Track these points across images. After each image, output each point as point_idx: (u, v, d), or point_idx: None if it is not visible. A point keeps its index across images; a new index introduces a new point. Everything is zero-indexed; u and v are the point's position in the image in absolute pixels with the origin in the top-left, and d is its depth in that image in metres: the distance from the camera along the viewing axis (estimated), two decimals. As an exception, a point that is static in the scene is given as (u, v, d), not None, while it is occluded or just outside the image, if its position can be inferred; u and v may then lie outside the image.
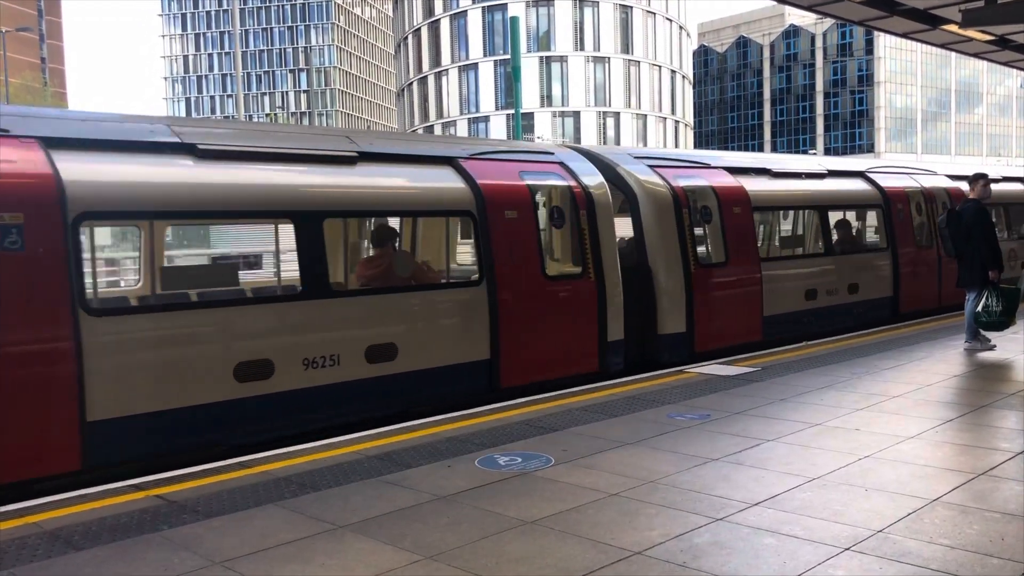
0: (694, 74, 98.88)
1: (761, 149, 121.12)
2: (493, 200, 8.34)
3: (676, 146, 72.85)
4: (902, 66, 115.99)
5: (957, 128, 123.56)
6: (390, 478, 5.50)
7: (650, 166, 10.36)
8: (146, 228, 8.19)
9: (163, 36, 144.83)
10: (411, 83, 76.77)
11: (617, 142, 69.08)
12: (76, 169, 6.01)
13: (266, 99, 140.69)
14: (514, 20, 29.83)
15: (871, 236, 14.79)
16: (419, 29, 74.36)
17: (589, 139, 69.01)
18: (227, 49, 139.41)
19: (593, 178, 9.47)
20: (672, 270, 9.93)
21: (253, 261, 19.92)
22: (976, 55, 18.53)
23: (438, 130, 71.28)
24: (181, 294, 7.42)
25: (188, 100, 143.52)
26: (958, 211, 10.27)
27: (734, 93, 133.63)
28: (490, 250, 8.21)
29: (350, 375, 7.15)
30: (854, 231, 13.96)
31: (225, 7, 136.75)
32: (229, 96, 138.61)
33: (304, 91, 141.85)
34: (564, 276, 9.15)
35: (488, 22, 70.10)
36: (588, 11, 69.78)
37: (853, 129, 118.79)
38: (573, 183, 9.22)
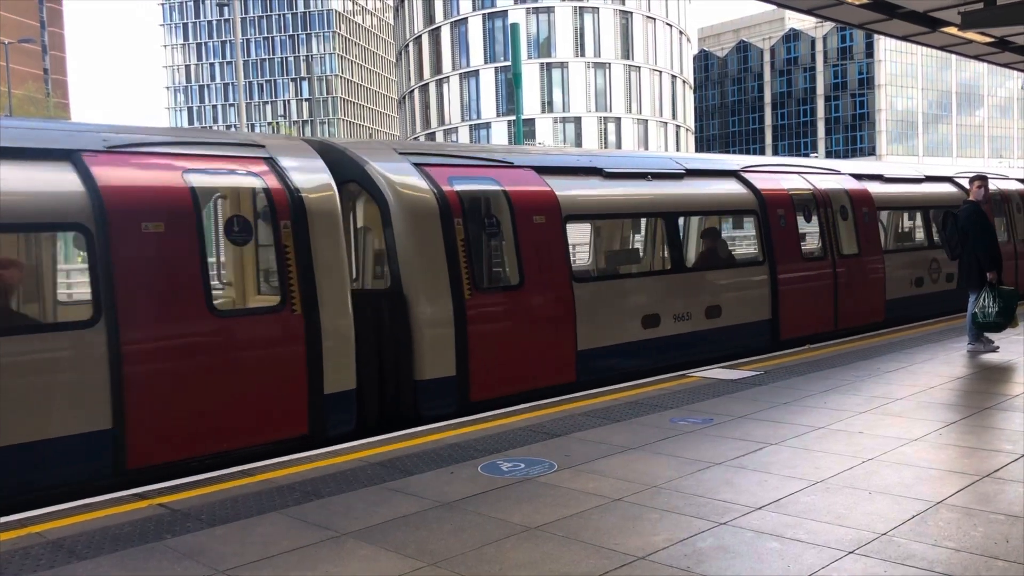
0: (695, 79, 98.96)
1: (763, 153, 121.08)
2: (122, 209, 6.13)
3: (677, 150, 72.82)
4: (903, 69, 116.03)
5: (958, 130, 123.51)
6: (393, 485, 5.50)
7: (418, 164, 8.31)
8: None
9: (165, 46, 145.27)
10: (412, 91, 76.89)
11: (618, 147, 69.12)
12: None
13: (268, 108, 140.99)
14: (514, 27, 29.88)
15: (747, 248, 12.97)
16: (420, 37, 74.49)
17: (591, 144, 69.06)
18: (229, 58, 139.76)
19: (313, 179, 7.29)
20: (436, 296, 7.85)
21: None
22: (976, 57, 18.54)
23: (440, 137, 71.40)
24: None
25: (190, 109, 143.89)
26: (955, 213, 10.27)
27: (735, 97, 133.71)
28: (113, 279, 5.99)
29: None
30: (720, 243, 11.82)
31: (227, 17, 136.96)
32: (231, 105, 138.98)
33: (306, 99, 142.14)
34: (248, 311, 7.36)
35: (488, 29, 70.21)
36: (588, 17, 69.87)
37: (854, 132, 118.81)
38: (275, 185, 7.00)
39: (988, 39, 15.95)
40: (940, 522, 4.54)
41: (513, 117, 50.08)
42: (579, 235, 12.19)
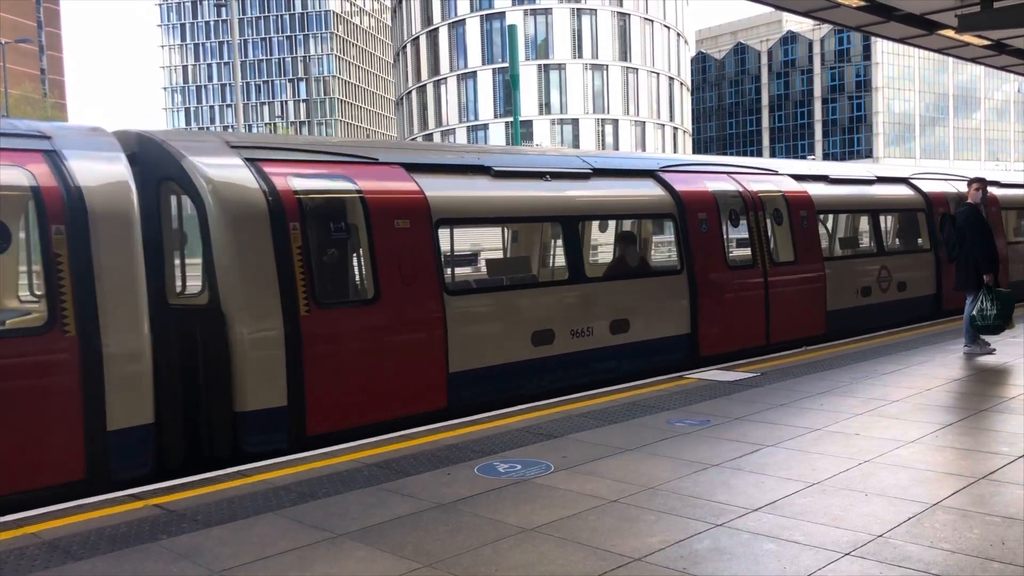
0: (692, 81, 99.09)
1: (760, 155, 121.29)
2: None
3: (675, 152, 72.87)
4: (900, 71, 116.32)
5: (955, 133, 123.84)
6: (389, 486, 5.49)
7: (252, 160, 7.18)
8: None
9: (162, 46, 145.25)
10: (410, 92, 76.91)
11: (616, 148, 69.19)
12: None
13: (265, 109, 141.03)
14: (512, 28, 29.89)
15: (665, 255, 11.74)
16: (417, 38, 74.51)
17: (588, 146, 69.09)
18: (226, 59, 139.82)
19: (103, 176, 6.25)
20: (262, 313, 6.75)
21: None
22: (973, 60, 18.57)
23: (437, 139, 71.43)
24: None
25: (188, 110, 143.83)
26: (953, 215, 10.29)
27: (732, 100, 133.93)
28: None
29: None
30: (631, 250, 10.79)
31: (224, 17, 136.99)
32: (228, 106, 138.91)
33: (303, 100, 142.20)
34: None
35: (486, 30, 70.25)
36: (586, 19, 69.95)
37: (851, 135, 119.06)
38: (48, 183, 5.95)
39: (985, 42, 15.98)
40: (936, 524, 4.54)
41: (511, 118, 50.12)
42: (467, 242, 11.34)
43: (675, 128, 76.62)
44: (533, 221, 10.24)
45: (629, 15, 71.11)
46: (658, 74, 73.96)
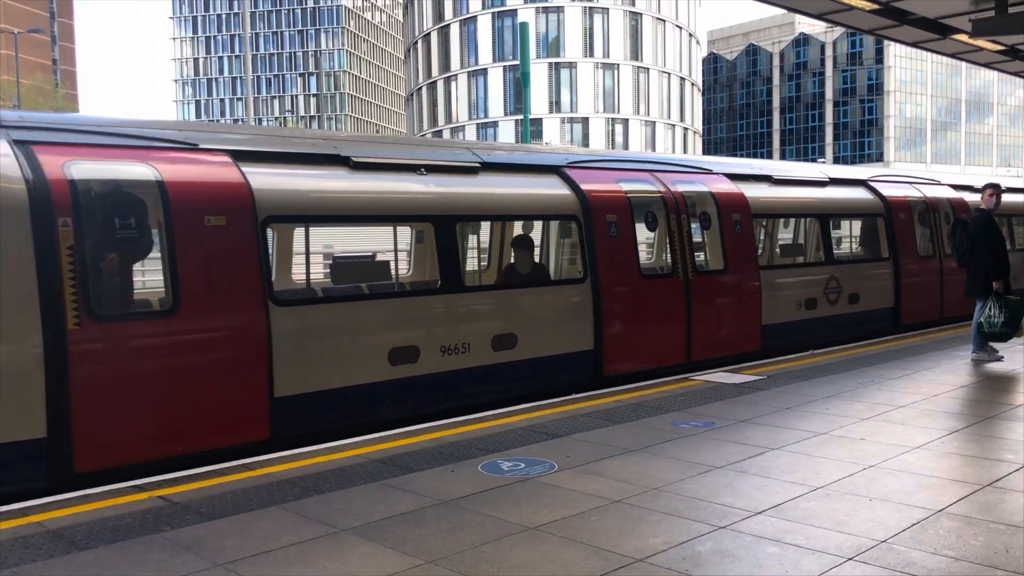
0: (703, 81, 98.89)
1: (771, 157, 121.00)
2: None
3: (685, 152, 72.74)
4: (912, 75, 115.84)
5: (967, 138, 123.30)
6: (393, 482, 5.50)
7: (23, 142, 6.10)
8: None
9: (174, 39, 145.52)
10: (420, 88, 76.91)
11: (626, 148, 69.08)
12: None
13: (276, 103, 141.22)
14: (523, 26, 29.86)
15: (568, 262, 10.53)
16: (429, 34, 74.50)
17: (598, 145, 69.00)
18: (237, 52, 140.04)
19: None
20: (15, 327, 5.68)
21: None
22: (986, 65, 18.47)
23: (447, 135, 71.43)
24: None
25: (198, 103, 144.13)
26: (964, 220, 10.25)
27: (743, 101, 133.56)
28: None
29: None
30: (523, 256, 9.57)
31: (236, 10, 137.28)
32: (239, 99, 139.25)
33: (314, 95, 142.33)
34: None
35: (498, 28, 70.20)
36: (598, 18, 69.82)
37: (863, 138, 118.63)
38: None
39: (999, 47, 15.89)
40: (940, 531, 4.52)
41: (521, 116, 50.11)
42: (318, 244, 10.12)
43: (685, 128, 76.45)
44: (398, 222, 8.82)
45: (641, 15, 70.97)
46: (669, 74, 73.80)
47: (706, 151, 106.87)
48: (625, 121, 71.26)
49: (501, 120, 70.34)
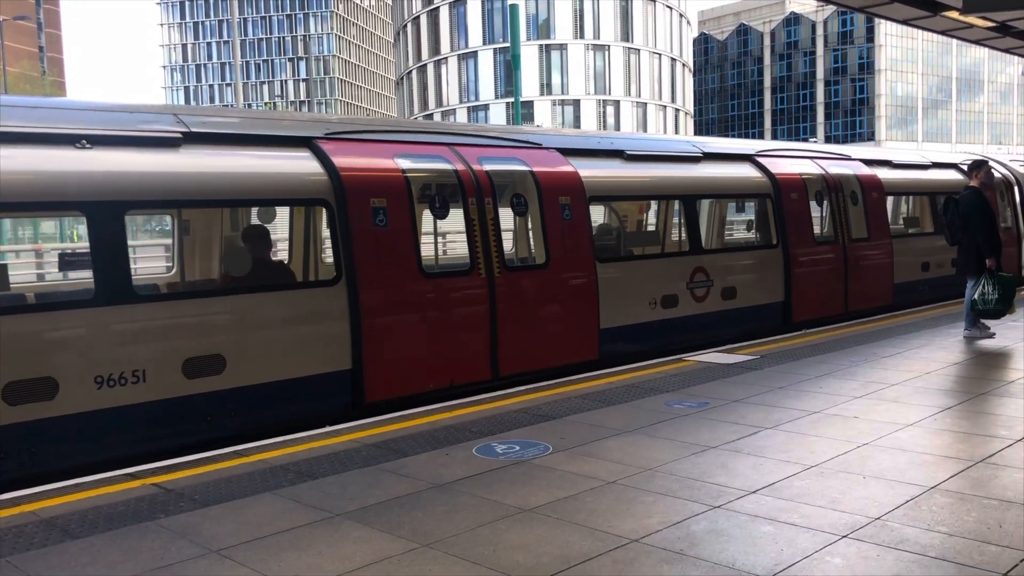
0: (694, 62, 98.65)
1: (762, 137, 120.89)
2: None
3: (676, 134, 72.57)
4: (903, 54, 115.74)
5: (958, 116, 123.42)
6: (387, 466, 5.49)
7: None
8: None
9: (161, 25, 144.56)
10: (410, 71, 76.56)
11: (617, 130, 68.95)
12: None
13: (265, 88, 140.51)
14: (514, 8, 29.68)
15: (325, 259, 9.01)
16: (418, 17, 74.10)
17: (589, 127, 68.86)
18: (226, 38, 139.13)
19: None
20: None
21: None
22: (977, 42, 18.46)
23: (438, 119, 71.16)
24: None
25: (187, 89, 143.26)
26: (956, 198, 10.25)
27: (735, 81, 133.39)
28: None
29: None
30: (240, 254, 8.02)
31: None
32: (228, 85, 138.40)
33: (303, 80, 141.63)
34: None
35: (487, 10, 69.86)
36: (588, -1, 69.54)
37: (854, 117, 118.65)
38: None
39: (989, 24, 15.87)
40: (934, 507, 4.54)
41: (512, 99, 49.89)
42: None
43: (677, 110, 76.34)
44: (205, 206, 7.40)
45: (631, -5, 70.69)
46: (660, 55, 73.60)
47: (698, 132, 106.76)
48: (616, 103, 71.12)
49: (492, 103, 70.13)
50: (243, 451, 5.93)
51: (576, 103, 70.08)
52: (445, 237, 10.15)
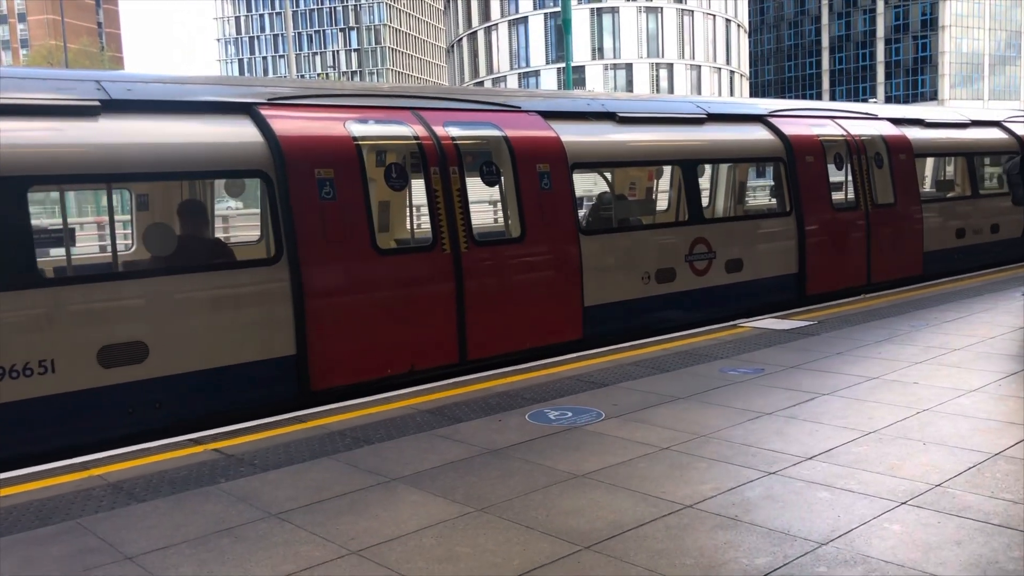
0: (750, 22, 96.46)
1: (820, 98, 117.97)
2: None
3: (732, 96, 71.19)
4: (969, 8, 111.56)
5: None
6: (442, 432, 5.55)
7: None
8: None
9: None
10: (461, 39, 76.24)
11: (671, 93, 67.93)
12: None
13: (317, 59, 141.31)
14: (564, -29, 29.29)
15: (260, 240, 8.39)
16: (468, -17, 73.61)
17: (642, 91, 67.95)
18: (278, 9, 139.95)
19: None
20: None
21: None
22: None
23: (488, 85, 70.85)
24: None
25: (241, 61, 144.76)
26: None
27: (791, 41, 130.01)
28: None
29: None
30: (198, 229, 7.40)
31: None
32: (281, 56, 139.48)
33: (355, 50, 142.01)
34: None
35: (538, -26, 69.05)
36: (640, -40, 68.31)
37: (916, 76, 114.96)
38: None
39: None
40: (997, 474, 4.44)
41: (563, 64, 49.40)
42: None
43: (732, 72, 74.86)
44: None
45: (684, -45, 69.26)
46: (714, 16, 72.09)
47: (753, 94, 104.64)
48: (670, 66, 69.99)
49: (543, 69, 69.57)
50: (301, 417, 6.04)
51: (628, 67, 69.14)
52: (409, 210, 9.35)
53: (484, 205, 9.92)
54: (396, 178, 7.77)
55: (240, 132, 6.74)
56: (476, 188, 8.29)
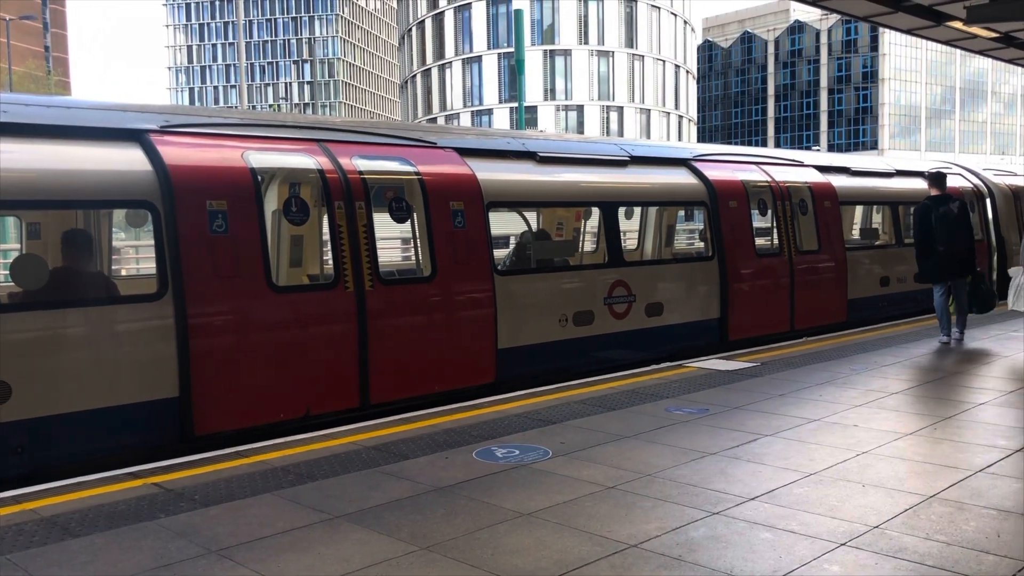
0: (698, 69, 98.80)
1: (765, 145, 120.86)
2: None
3: (680, 140, 72.56)
4: (907, 63, 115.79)
5: (962, 126, 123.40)
6: (388, 469, 5.50)
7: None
8: None
9: (167, 26, 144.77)
10: (415, 75, 76.64)
11: (620, 136, 68.97)
12: None
13: (269, 90, 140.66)
14: (518, 13, 29.75)
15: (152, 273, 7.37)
16: (423, 21, 74.18)
17: (593, 133, 68.91)
18: (231, 39, 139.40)
19: None
20: None
21: None
22: (981, 52, 18.49)
23: (441, 123, 71.25)
24: None
25: (192, 90, 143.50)
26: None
27: (738, 88, 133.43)
28: None
29: None
30: (83, 258, 6.98)
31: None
32: (233, 87, 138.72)
33: (308, 82, 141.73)
34: None
35: (492, 15, 69.94)
36: (593, 5, 69.61)
37: (857, 126, 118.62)
38: None
39: (993, 34, 15.90)
40: (932, 516, 4.54)
41: (516, 104, 49.94)
42: None
43: (680, 116, 76.38)
44: None
45: (636, 1, 70.78)
46: (664, 62, 73.66)
47: (700, 139, 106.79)
48: (620, 109, 71.16)
49: (496, 108, 70.18)
50: (243, 452, 5.94)
51: (580, 109, 70.13)
52: (318, 246, 9.02)
53: (394, 243, 9.52)
54: (296, 212, 7.52)
55: (127, 159, 6.37)
56: (385, 225, 8.04)
